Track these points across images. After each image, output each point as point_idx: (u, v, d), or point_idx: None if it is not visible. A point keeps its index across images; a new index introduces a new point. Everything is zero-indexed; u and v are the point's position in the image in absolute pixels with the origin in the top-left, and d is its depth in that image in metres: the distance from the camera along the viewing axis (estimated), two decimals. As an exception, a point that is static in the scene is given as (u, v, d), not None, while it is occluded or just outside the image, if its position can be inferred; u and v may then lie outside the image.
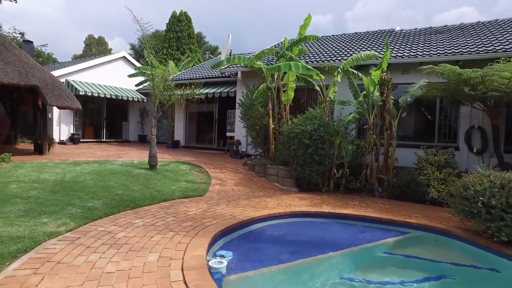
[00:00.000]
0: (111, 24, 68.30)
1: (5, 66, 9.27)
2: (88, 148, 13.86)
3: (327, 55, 11.38)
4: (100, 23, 68.41)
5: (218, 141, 15.15)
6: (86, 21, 67.40)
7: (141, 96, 17.79)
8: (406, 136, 9.85)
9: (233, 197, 7.13)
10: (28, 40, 17.39)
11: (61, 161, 9.21)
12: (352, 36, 14.10)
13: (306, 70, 7.98)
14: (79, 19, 67.01)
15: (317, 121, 8.10)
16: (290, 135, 8.33)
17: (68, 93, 10.96)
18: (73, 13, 66.83)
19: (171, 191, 7.07)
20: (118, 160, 9.96)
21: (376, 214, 6.21)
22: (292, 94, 9.41)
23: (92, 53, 42.92)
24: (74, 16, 66.84)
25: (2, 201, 5.44)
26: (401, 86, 9.25)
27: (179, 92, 8.78)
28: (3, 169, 7.67)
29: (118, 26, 68.11)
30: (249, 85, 11.55)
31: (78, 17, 67.37)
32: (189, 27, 28.04)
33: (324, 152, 8.04)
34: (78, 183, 6.83)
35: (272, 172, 9.06)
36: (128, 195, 6.40)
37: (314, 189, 8.48)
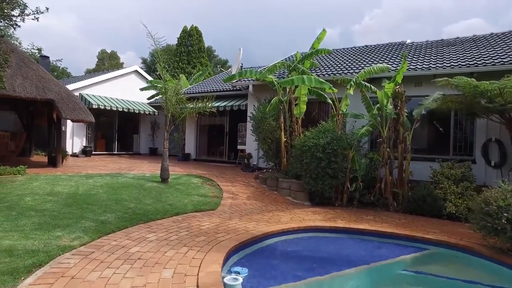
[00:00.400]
0: (123, 39, 69.98)
1: (24, 81, 9.50)
2: (100, 160, 13.99)
3: (338, 68, 11.38)
4: (113, 38, 70.16)
5: (229, 154, 15.14)
6: (99, 36, 69.19)
7: (152, 109, 17.99)
8: (420, 149, 9.69)
9: (245, 211, 7.05)
10: (45, 55, 17.82)
11: (74, 174, 9.29)
12: (362, 49, 14.10)
13: (319, 83, 7.96)
14: (92, 35, 68.82)
15: (330, 134, 8.03)
16: (303, 149, 8.26)
17: (82, 107, 11.14)
18: (87, 29, 68.72)
19: (183, 204, 7.03)
20: (130, 173, 10.00)
21: (393, 230, 6.05)
22: (304, 108, 9.38)
23: (104, 67, 43.79)
24: (87, 32, 68.70)
25: (18, 213, 5.48)
26: (414, 99, 9.15)
27: (191, 106, 8.83)
28: (19, 182, 7.76)
29: (129, 41, 69.70)
30: (260, 98, 11.58)
31: (91, 32, 69.22)
32: (200, 41, 28.51)
33: (337, 165, 7.94)
34: (91, 196, 6.85)
35: (284, 186, 8.97)
36: (141, 208, 6.38)
37: (327, 203, 8.34)
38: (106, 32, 69.55)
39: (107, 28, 70.59)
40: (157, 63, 8.19)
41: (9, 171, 8.54)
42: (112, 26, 71.46)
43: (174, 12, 67.00)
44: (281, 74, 11.71)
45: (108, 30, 69.90)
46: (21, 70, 9.82)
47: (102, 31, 69.63)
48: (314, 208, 7.91)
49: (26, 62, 10.34)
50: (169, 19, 62.82)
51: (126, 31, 70.44)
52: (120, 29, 70.69)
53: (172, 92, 8.29)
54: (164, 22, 63.11)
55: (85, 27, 68.52)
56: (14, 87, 9.12)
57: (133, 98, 18.00)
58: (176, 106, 8.36)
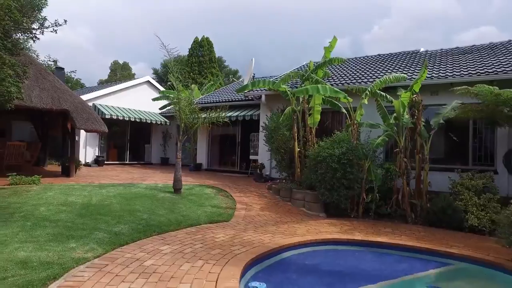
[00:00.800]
0: (134, 50, 71.32)
1: (40, 92, 9.65)
2: (112, 170, 14.04)
3: (352, 77, 11.27)
4: (125, 49, 71.52)
5: (240, 164, 15.06)
6: (111, 48, 70.64)
7: (164, 119, 18.10)
8: (437, 159, 9.43)
9: (260, 223, 6.91)
10: (60, 67, 18.23)
11: (87, 184, 9.30)
12: (375, 58, 13.99)
13: (334, 92, 7.86)
14: (105, 46, 70.34)
15: (345, 145, 7.88)
16: (317, 159, 8.12)
17: (96, 117, 11.24)
18: (100, 41, 70.29)
19: (196, 216, 6.94)
20: (143, 183, 9.97)
21: (413, 243, 5.83)
22: (318, 117, 9.27)
23: (116, 78, 44.51)
24: (100, 44, 70.23)
25: (32, 224, 5.46)
26: (430, 108, 8.96)
27: (204, 116, 8.80)
28: (33, 191, 7.78)
29: (141, 52, 70.99)
30: (272, 108, 11.51)
31: (104, 44, 70.76)
32: (211, 51, 28.82)
33: (353, 176, 7.77)
34: (105, 207, 6.81)
35: (299, 197, 8.81)
36: (154, 219, 6.30)
37: (343, 215, 8.14)
38: (118, 43, 71.03)
39: (119, 39, 72.13)
40: (170, 73, 8.21)
41: (24, 181, 8.60)
42: (124, 38, 73.01)
43: (185, 24, 68.18)
44: (294, 84, 11.64)
45: (120, 41, 71.39)
46: (38, 82, 9.99)
47: (114, 43, 71.14)
48: (329, 220, 7.73)
49: (43, 74, 10.52)
50: (180, 31, 63.86)
51: (138, 43, 71.85)
52: (132, 41, 72.12)
53: (185, 102, 8.28)
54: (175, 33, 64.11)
55: (98, 39, 70.13)
56: (31, 98, 9.26)
57: (145, 108, 18.16)
58: (189, 116, 8.34)
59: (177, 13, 71.70)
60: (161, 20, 71.42)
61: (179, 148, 8.49)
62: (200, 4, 73.32)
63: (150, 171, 14.43)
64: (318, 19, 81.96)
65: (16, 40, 7.13)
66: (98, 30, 70.92)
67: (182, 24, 65.81)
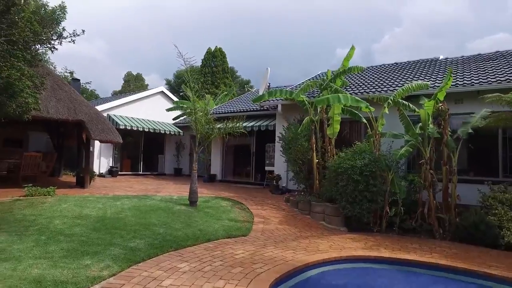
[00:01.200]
0: (147, 62, 72.46)
1: (57, 103, 9.66)
2: (126, 181, 13.95)
3: (371, 86, 10.99)
4: (138, 61, 72.81)
5: (255, 176, 14.78)
6: (125, 60, 71.99)
7: (177, 129, 18.04)
8: (462, 170, 8.99)
9: (279, 238, 6.60)
10: (76, 78, 18.49)
11: (101, 195, 9.17)
12: (392, 67, 13.67)
13: (355, 102, 7.59)
14: (119, 58, 71.74)
15: (368, 156, 7.57)
16: (338, 171, 7.81)
17: (111, 127, 11.19)
18: (114, 53, 71.79)
19: (214, 230, 6.68)
20: (157, 195, 9.79)
21: (447, 262, 5.43)
22: (338, 128, 8.99)
23: (130, 89, 45.09)
24: (114, 55, 71.68)
25: (47, 238, 5.29)
26: (454, 117, 8.57)
27: (220, 126, 8.61)
28: (48, 203, 7.67)
29: (154, 64, 72.09)
30: (289, 118, 11.27)
31: (118, 56, 72.20)
32: (224, 62, 28.94)
33: (376, 189, 7.43)
34: (120, 220, 6.62)
35: (318, 210, 8.47)
36: (171, 234, 6.07)
37: (365, 229, 7.76)
38: (131, 55, 72.38)
39: (132, 51, 73.54)
40: (187, 83, 8.07)
41: (40, 192, 8.53)
42: (137, 50, 74.42)
43: (197, 35, 69.07)
44: (310, 94, 11.41)
45: (133, 53, 72.77)
46: (55, 93, 10.01)
47: (127, 55, 72.51)
48: (351, 234, 7.37)
49: (59, 84, 10.56)
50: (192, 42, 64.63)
51: (151, 54, 73.03)
52: (145, 52, 73.43)
53: (201, 113, 8.11)
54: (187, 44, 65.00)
55: (112, 51, 71.61)
56: (48, 108, 9.26)
57: (159, 119, 18.16)
58: (205, 126, 8.15)
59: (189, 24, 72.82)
60: (173, 31, 72.67)
61: (195, 159, 8.30)
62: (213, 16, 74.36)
63: (164, 182, 14.28)
64: (328, 29, 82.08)
65: (35, 51, 7.12)
66: (112, 42, 72.49)
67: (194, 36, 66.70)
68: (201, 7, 74.86)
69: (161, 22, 76.65)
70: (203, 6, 73.86)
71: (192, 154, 17.50)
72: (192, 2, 75.41)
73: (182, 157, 18.62)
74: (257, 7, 75.40)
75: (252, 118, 14.20)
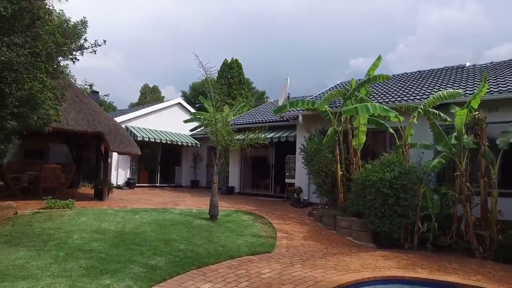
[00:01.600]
0: (163, 75, 73.72)
1: (77, 114, 9.65)
2: (143, 193, 13.82)
3: (396, 95, 10.59)
4: (153, 73, 74.16)
5: (275, 188, 14.40)
6: (141, 73, 73.42)
7: (194, 141, 17.93)
8: (502, 183, 8.39)
9: (306, 255, 6.22)
10: (95, 90, 18.71)
11: (120, 208, 9.01)
12: (415, 75, 13.22)
13: (383, 111, 7.22)
14: (135, 71, 73.27)
15: (397, 168, 7.15)
16: (366, 183, 7.41)
17: (129, 139, 11.12)
18: (130, 66, 73.46)
19: (236, 246, 6.36)
20: (176, 208, 9.56)
21: (495, 286, 4.93)
22: (364, 138, 8.60)
23: (146, 101, 45.69)
24: (131, 69, 73.29)
25: (65, 254, 5.08)
26: (489, 126, 8.05)
27: (241, 137, 8.36)
28: (67, 216, 7.53)
29: (169, 76, 73.24)
30: (310, 129, 10.93)
31: (134, 69, 73.79)
32: (240, 73, 29.00)
33: (407, 202, 6.99)
34: (139, 235, 6.39)
35: (344, 225, 8.05)
36: (192, 250, 5.78)
37: (395, 245, 7.29)
38: (148, 68, 73.82)
39: (149, 64, 75.03)
40: (207, 93, 7.89)
41: (59, 205, 8.43)
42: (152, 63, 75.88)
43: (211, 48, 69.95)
44: (331, 104, 11.07)
45: (149, 66, 74.24)
46: (75, 104, 10.02)
47: (143, 68, 74.02)
48: (381, 251, 6.91)
49: (79, 96, 10.59)
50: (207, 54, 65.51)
51: (166, 67, 74.27)
52: (160, 66, 74.80)
53: (222, 123, 7.89)
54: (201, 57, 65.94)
55: (129, 64, 73.22)
56: (68, 120, 9.25)
57: (176, 130, 18.11)
58: (226, 138, 7.92)
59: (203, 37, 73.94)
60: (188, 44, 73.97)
61: (216, 172, 8.04)
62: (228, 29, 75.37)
63: (182, 194, 14.08)
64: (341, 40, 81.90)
65: (57, 63, 7.11)
66: (128, 55, 74.22)
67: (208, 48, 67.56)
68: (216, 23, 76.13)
69: (176, 35, 78.16)
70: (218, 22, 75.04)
71: (210, 166, 17.40)
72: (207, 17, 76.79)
73: (199, 169, 18.45)
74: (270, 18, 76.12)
75: (271, 129, 13.91)
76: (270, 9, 74.71)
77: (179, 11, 76.60)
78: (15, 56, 5.39)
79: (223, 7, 75.66)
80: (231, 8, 73.10)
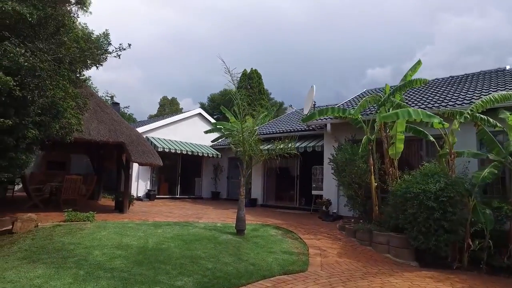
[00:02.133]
0: (180, 87, 74.82)
1: (99, 124, 9.45)
2: (164, 205, 13.48)
3: (432, 100, 9.91)
4: (171, 86, 75.42)
5: (300, 200, 13.77)
6: (159, 86, 74.75)
7: (215, 152, 17.59)
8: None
9: (344, 275, 5.61)
10: (116, 102, 18.79)
11: (141, 222, 8.64)
12: (447, 80, 12.48)
13: (427, 117, 6.60)
14: (153, 85, 74.61)
15: (443, 179, 6.48)
16: (407, 196, 6.76)
17: (151, 150, 10.84)
18: (149, 79, 74.94)
19: (267, 264, 5.82)
20: (199, 221, 9.11)
21: None
22: (401, 147, 7.96)
23: (165, 113, 46.11)
24: (149, 82, 74.71)
25: (86, 273, 4.68)
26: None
27: (271, 146, 7.88)
28: (87, 230, 7.21)
29: (186, 89, 74.28)
30: (339, 138, 10.34)
31: (153, 83, 75.16)
32: (259, 83, 28.77)
33: (455, 217, 6.29)
34: (163, 252, 5.95)
35: (381, 240, 7.37)
36: (221, 270, 5.28)
37: (441, 265, 6.57)
38: (165, 82, 75.10)
39: (166, 78, 76.34)
40: (234, 100, 7.50)
41: (79, 217, 8.14)
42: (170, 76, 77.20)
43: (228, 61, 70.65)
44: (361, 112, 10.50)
45: (166, 80, 75.52)
46: (97, 114, 9.84)
47: (161, 81, 75.33)
48: (427, 271, 6.20)
49: (101, 106, 10.43)
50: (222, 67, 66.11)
51: (183, 81, 75.38)
52: (178, 79, 75.98)
53: (249, 132, 7.46)
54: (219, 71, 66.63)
55: (147, 78, 74.69)
56: (89, 130, 9.05)
57: (196, 141, 17.84)
58: (254, 147, 7.46)
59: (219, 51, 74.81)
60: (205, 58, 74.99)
61: (242, 184, 7.56)
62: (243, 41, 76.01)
63: (203, 206, 13.66)
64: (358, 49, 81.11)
65: (80, 70, 6.91)
66: (147, 69, 75.85)
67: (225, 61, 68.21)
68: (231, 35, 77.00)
69: (193, 49, 79.53)
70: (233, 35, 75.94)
71: (230, 177, 16.97)
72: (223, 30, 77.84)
73: (220, 180, 18.05)
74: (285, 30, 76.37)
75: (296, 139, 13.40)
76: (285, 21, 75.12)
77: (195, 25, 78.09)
78: (39, 62, 5.16)
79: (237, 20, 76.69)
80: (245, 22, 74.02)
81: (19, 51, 4.77)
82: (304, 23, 77.94)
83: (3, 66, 4.76)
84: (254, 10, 75.92)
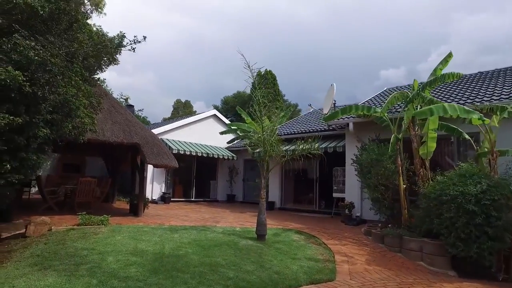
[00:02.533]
0: (193, 91, 75.12)
1: (113, 125, 9.20)
2: (179, 209, 13.16)
3: (463, 95, 9.30)
4: (184, 90, 75.76)
5: (319, 203, 13.22)
6: (172, 89, 75.17)
7: (230, 153, 17.22)
8: None
9: (376, 284, 5.12)
10: (130, 104, 18.69)
11: (157, 226, 8.30)
12: (475, 76, 11.79)
13: (465, 113, 6.03)
14: (166, 88, 75.10)
15: (485, 180, 5.90)
16: (442, 198, 6.20)
17: (166, 151, 10.54)
18: (162, 83, 75.55)
19: (292, 273, 5.36)
20: (217, 226, 8.72)
21: None
22: (433, 146, 7.38)
23: (179, 115, 46.14)
24: (162, 86, 75.27)
25: (99, 283, 4.32)
26: None
27: (292, 147, 7.43)
28: (102, 234, 6.90)
29: (199, 92, 74.53)
30: (362, 138, 9.79)
31: (165, 86, 75.68)
32: (274, 84, 28.37)
33: (501, 222, 5.69)
34: (180, 258, 5.56)
35: (413, 247, 6.81)
36: (243, 279, 4.85)
37: (483, 275, 5.95)
38: (178, 85, 75.57)
39: (179, 81, 76.83)
40: (254, 97, 7.10)
41: (93, 221, 7.86)
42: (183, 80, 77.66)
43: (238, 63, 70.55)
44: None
45: (179, 83, 76.00)
46: (111, 115, 9.60)
47: (174, 85, 75.84)
48: (469, 283, 5.62)
49: (115, 107, 10.19)
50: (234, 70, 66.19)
51: (196, 84, 75.69)
52: (191, 82, 76.35)
53: (270, 131, 7.03)
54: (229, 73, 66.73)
55: (161, 82, 75.28)
56: (104, 131, 8.80)
57: (211, 143, 17.52)
58: (275, 147, 7.02)
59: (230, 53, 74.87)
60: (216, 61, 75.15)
61: (263, 186, 7.14)
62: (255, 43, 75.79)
63: (219, 210, 13.28)
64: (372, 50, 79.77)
65: (93, 67, 6.63)
66: (160, 73, 76.50)
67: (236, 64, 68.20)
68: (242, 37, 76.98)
69: (205, 52, 79.79)
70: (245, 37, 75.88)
71: (246, 179, 16.54)
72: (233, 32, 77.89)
73: (236, 183, 17.66)
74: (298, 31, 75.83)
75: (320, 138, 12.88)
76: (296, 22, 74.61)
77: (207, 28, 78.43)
78: (50, 56, 4.87)
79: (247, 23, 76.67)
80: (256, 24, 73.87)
81: (29, 44, 4.49)
82: (316, 24, 77.27)
83: (13, 60, 4.49)
84: (266, 13, 75.80)
